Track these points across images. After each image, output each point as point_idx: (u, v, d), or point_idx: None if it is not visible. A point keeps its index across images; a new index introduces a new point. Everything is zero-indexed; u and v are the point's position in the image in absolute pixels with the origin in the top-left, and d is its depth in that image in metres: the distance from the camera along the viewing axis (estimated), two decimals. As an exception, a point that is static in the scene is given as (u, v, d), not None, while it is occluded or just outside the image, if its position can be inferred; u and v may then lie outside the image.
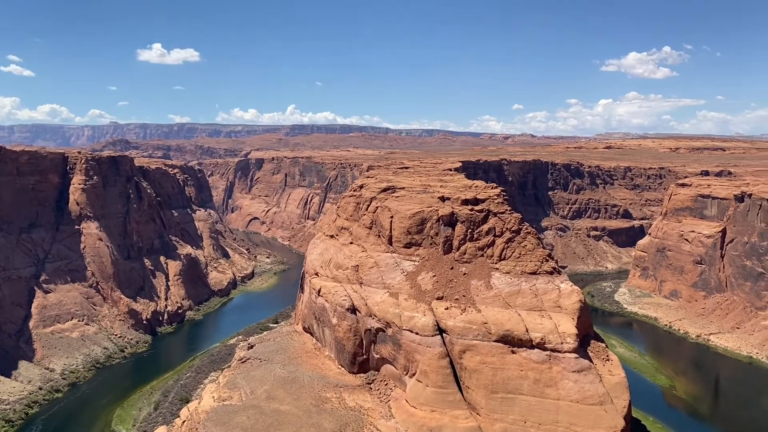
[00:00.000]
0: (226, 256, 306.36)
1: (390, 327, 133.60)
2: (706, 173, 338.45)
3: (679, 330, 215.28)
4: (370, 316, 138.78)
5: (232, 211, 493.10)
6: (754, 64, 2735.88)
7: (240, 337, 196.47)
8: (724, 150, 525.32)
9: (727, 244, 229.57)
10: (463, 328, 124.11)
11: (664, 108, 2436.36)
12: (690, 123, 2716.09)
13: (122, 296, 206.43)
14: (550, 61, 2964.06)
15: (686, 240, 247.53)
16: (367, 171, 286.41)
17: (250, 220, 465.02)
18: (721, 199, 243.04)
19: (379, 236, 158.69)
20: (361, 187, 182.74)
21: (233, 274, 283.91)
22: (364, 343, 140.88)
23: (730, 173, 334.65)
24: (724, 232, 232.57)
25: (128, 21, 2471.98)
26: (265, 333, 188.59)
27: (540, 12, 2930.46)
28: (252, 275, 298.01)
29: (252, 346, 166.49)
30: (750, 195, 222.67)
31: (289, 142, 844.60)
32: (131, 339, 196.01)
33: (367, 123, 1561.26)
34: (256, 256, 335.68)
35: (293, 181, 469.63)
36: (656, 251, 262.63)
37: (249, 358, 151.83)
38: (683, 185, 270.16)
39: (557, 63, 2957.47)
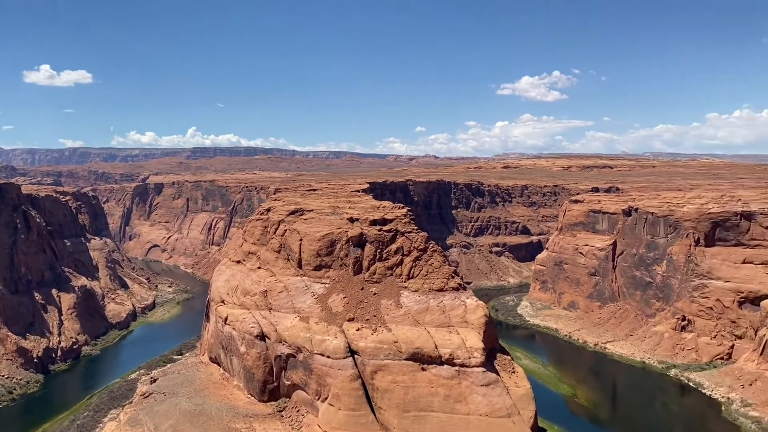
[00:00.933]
0: (124, 286, 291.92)
1: (301, 352, 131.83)
2: (596, 190, 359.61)
3: (578, 340, 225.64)
4: (280, 342, 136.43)
5: (131, 239, 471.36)
6: (635, 87, 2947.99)
7: (142, 371, 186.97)
8: (612, 168, 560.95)
9: (618, 256, 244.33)
10: (374, 349, 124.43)
11: (556, 129, 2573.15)
12: (580, 143, 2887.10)
13: (9, 333, 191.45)
14: (450, 86, 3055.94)
15: (581, 253, 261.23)
16: (275, 194, 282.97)
17: (150, 248, 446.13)
18: (610, 213, 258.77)
19: (288, 260, 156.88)
20: (268, 210, 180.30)
21: (133, 305, 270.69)
22: (275, 370, 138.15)
23: (618, 189, 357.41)
24: (614, 244, 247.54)
25: (12, 41, 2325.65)
26: (168, 365, 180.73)
27: (438, 38, 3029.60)
28: (153, 306, 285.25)
29: (155, 380, 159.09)
30: (636, 209, 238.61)
31: (191, 166, 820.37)
32: (20, 379, 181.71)
33: (272, 145, 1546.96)
34: (157, 286, 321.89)
35: (196, 205, 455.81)
36: (554, 265, 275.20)
37: (152, 393, 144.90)
38: (576, 201, 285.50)
39: (456, 87, 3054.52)
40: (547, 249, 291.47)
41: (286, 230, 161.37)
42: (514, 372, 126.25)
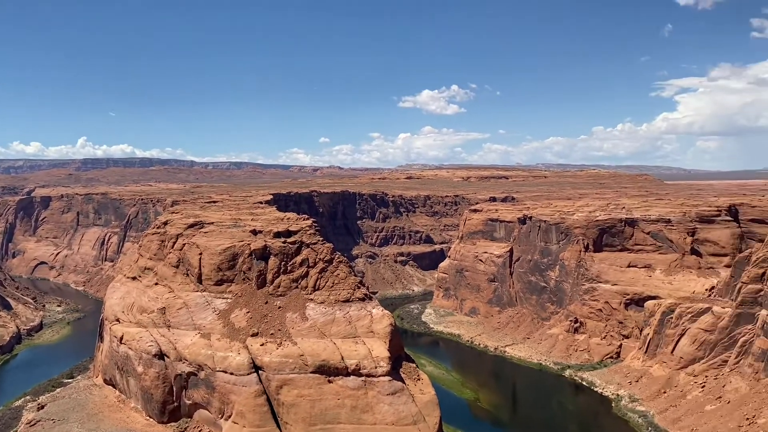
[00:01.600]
0: (7, 307, 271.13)
1: (202, 370, 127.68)
2: (493, 199, 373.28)
3: (479, 344, 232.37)
4: (180, 360, 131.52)
5: (14, 256, 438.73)
6: (527, 101, 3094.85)
7: (28, 397, 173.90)
8: (508, 178, 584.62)
9: (514, 262, 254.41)
10: (279, 363, 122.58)
11: (455, 141, 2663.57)
12: (478, 154, 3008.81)
13: None
14: (353, 97, 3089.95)
15: (480, 260, 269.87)
16: (172, 206, 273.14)
17: (37, 265, 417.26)
18: (507, 222, 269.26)
19: (188, 275, 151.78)
20: (165, 223, 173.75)
21: (17, 327, 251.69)
22: (175, 389, 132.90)
23: (513, 198, 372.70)
24: (511, 251, 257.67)
25: None
26: (58, 390, 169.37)
27: (341, 50, 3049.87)
28: (40, 326, 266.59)
29: (43, 406, 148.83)
30: (531, 217, 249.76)
31: (82, 178, 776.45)
32: None
33: (169, 156, 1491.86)
34: (44, 305, 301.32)
35: (87, 220, 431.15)
36: (456, 272, 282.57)
37: (39, 420, 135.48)
38: (475, 210, 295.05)
39: (360, 99, 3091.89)
40: (449, 257, 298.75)
41: (184, 244, 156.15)
42: (419, 379, 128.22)
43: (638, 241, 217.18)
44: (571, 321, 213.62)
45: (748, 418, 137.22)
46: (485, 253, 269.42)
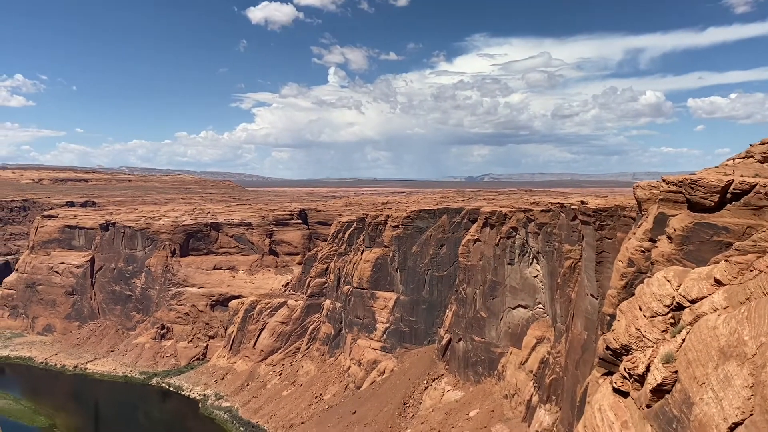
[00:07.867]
0: None
1: None
2: (71, 204, 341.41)
3: (56, 365, 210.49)
4: None
5: None
6: (108, 101, 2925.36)
7: None
8: (87, 181, 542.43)
9: (96, 272, 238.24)
10: None
11: (23, 138, 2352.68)
12: (51, 154, 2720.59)
13: None
14: None
15: (56, 272, 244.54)
16: None
17: None
18: (88, 228, 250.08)
19: None
20: None
21: None
22: None
23: (94, 203, 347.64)
24: (92, 260, 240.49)
25: None
26: None
27: None
28: None
29: None
30: (114, 223, 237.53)
31: None
32: None
33: None
34: None
35: None
36: (26, 287, 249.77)
37: None
38: (50, 217, 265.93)
39: None
40: (17, 270, 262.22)
41: None
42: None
43: (223, 244, 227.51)
44: (158, 328, 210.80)
45: (316, 396, 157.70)
46: (62, 263, 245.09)
